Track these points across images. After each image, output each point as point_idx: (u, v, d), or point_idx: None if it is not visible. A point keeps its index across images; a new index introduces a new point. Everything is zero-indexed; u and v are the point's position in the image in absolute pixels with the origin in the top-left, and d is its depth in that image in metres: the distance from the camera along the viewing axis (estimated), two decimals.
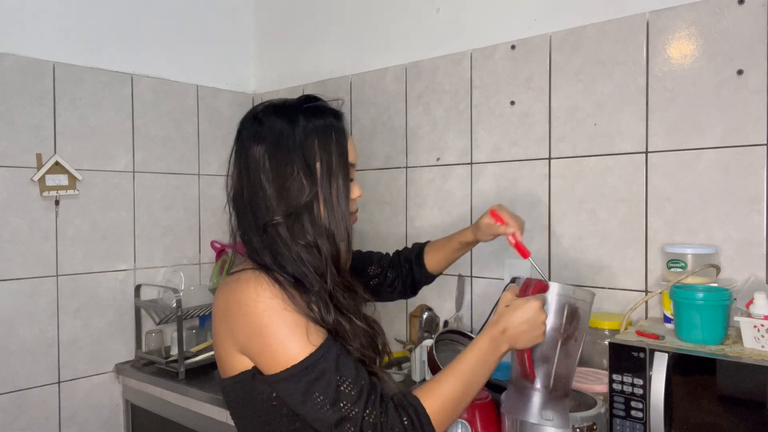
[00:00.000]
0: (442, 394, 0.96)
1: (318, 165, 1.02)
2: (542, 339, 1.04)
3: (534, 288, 1.08)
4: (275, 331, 0.93)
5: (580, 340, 1.12)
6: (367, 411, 0.90)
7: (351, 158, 1.08)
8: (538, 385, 1.11)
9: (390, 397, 0.94)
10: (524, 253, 1.25)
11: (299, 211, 1.01)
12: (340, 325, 0.99)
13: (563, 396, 1.13)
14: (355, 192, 1.09)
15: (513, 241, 1.26)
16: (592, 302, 1.14)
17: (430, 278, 1.44)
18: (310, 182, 1.01)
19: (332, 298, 1.01)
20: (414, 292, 1.46)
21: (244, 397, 1.02)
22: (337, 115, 1.09)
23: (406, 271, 1.42)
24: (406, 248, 1.47)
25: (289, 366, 0.92)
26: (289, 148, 1.01)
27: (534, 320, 1.02)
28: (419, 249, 1.43)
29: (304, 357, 0.91)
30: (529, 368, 1.08)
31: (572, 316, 1.10)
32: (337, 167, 1.03)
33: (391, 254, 1.46)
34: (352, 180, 1.08)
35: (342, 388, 0.91)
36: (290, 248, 1.00)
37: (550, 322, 1.08)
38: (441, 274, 1.45)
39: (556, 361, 1.10)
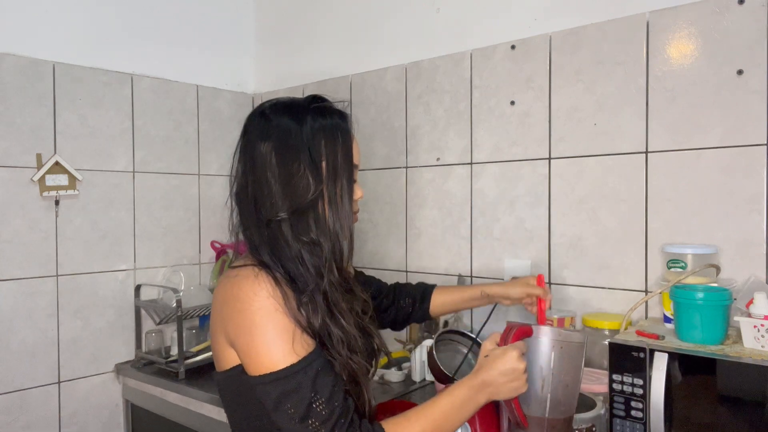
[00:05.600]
0: None
1: (324, 164, 1.02)
2: (524, 388, 1.01)
3: (515, 334, 1.03)
4: (264, 332, 0.94)
5: (574, 384, 1.07)
6: (335, 430, 0.91)
7: (355, 159, 1.08)
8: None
9: (359, 424, 0.94)
10: (542, 320, 1.30)
11: (304, 209, 1.01)
12: (328, 329, 0.99)
13: None
14: (358, 193, 1.10)
15: (542, 307, 1.31)
16: (585, 343, 1.09)
17: (424, 319, 1.45)
18: (316, 180, 1.01)
19: (326, 298, 1.00)
20: (401, 327, 1.47)
21: (236, 391, 1.03)
22: (343, 116, 1.09)
23: (405, 305, 1.42)
24: (409, 284, 1.48)
25: (268, 371, 0.93)
26: (296, 146, 1.02)
27: (512, 371, 0.99)
28: (426, 290, 1.45)
29: (284, 366, 0.92)
30: (520, 416, 1.05)
31: (561, 360, 1.05)
32: (342, 167, 1.04)
33: (389, 284, 1.47)
34: (355, 181, 1.09)
35: (314, 406, 0.91)
36: (291, 246, 1.01)
37: (538, 367, 1.04)
38: (435, 319, 1.46)
39: (548, 407, 1.06)
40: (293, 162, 1.01)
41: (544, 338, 1.05)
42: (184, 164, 2.26)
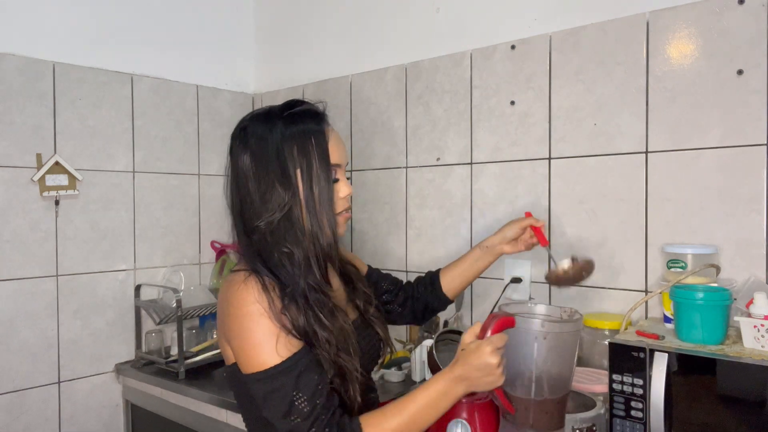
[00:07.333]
0: (384, 429, 0.99)
1: (298, 171, 1.06)
2: (500, 382, 1.01)
3: (496, 326, 1.02)
4: (250, 335, 1.00)
5: (563, 369, 1.07)
6: (313, 429, 0.97)
7: (335, 159, 1.11)
8: (519, 420, 1.07)
9: (337, 420, 0.99)
10: (544, 242, 1.35)
11: (279, 219, 1.06)
12: (313, 329, 1.03)
13: (555, 429, 1.09)
14: (344, 190, 1.13)
15: (540, 232, 1.33)
16: (578, 330, 1.08)
17: (443, 302, 1.44)
18: (287, 190, 1.06)
19: (307, 301, 1.04)
20: (423, 318, 1.47)
21: (238, 385, 1.09)
22: (317, 118, 1.12)
23: (419, 294, 1.43)
24: (419, 276, 1.48)
25: (255, 371, 1.00)
26: (268, 157, 1.07)
27: (486, 366, 0.99)
28: (433, 274, 1.45)
29: (269, 366, 0.99)
30: (505, 404, 1.05)
31: (545, 350, 1.04)
32: (319, 171, 1.07)
33: (404, 281, 1.48)
34: (338, 180, 1.12)
35: (296, 403, 0.97)
36: (273, 253, 1.06)
37: (521, 357, 1.04)
38: (454, 299, 1.45)
39: (533, 397, 1.06)
40: (266, 173, 1.07)
41: (525, 330, 1.04)
42: (184, 164, 2.26)
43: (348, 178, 1.19)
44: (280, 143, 1.07)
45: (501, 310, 1.08)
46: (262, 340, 1.00)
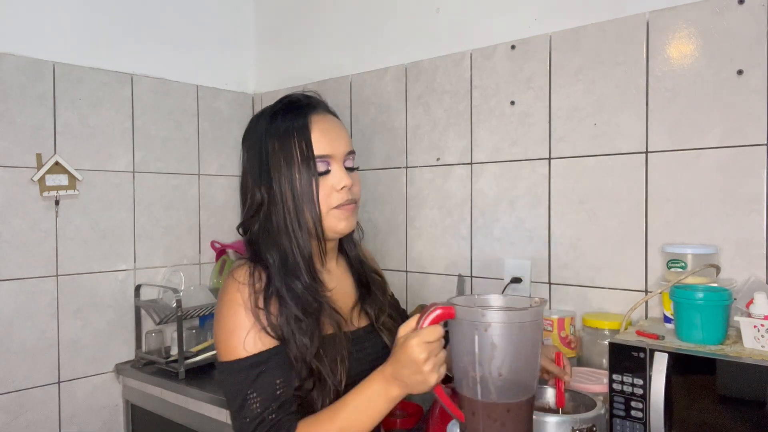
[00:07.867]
0: None
1: (278, 170, 1.07)
2: (432, 380, 0.90)
3: (436, 317, 0.90)
4: (224, 324, 1.03)
5: (521, 372, 0.92)
6: (258, 429, 0.98)
7: (323, 150, 1.08)
8: (469, 428, 0.93)
9: (280, 425, 0.98)
10: (561, 403, 1.16)
11: (261, 217, 1.09)
12: (290, 330, 1.02)
13: None
14: (341, 181, 1.09)
15: (560, 389, 1.16)
16: (535, 321, 0.92)
17: None
18: (262, 189, 1.08)
19: (286, 301, 1.04)
20: None
21: None
22: (301, 111, 1.11)
23: None
24: None
25: (221, 360, 1.03)
26: (254, 158, 1.10)
27: (412, 363, 0.89)
28: None
29: (232, 359, 1.01)
30: (449, 408, 0.94)
31: (491, 344, 0.89)
32: (300, 166, 1.06)
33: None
34: (328, 172, 1.09)
35: (249, 402, 0.98)
36: (262, 251, 1.09)
37: (465, 352, 0.91)
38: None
39: (479, 401, 0.91)
40: (252, 174, 1.10)
41: (466, 321, 0.90)
42: (184, 164, 2.26)
43: (353, 169, 1.13)
44: (262, 143, 1.09)
45: (450, 301, 0.95)
46: (233, 330, 1.01)
